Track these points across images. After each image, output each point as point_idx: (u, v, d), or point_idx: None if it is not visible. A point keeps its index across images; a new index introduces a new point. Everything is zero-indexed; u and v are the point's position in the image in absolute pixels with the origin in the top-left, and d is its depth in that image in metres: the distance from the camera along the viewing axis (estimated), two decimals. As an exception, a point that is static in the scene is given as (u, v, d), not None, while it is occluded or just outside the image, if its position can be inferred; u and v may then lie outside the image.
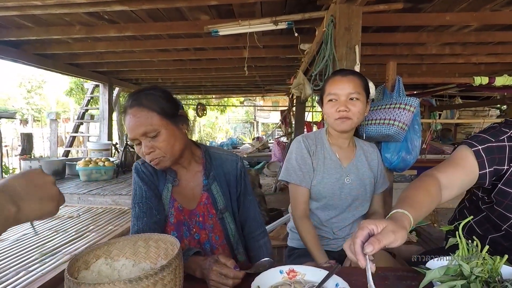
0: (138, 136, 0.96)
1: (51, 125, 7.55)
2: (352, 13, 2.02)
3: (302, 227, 1.26)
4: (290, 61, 4.72)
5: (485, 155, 0.95)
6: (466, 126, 8.11)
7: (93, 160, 4.75)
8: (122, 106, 0.96)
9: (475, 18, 2.82)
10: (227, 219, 1.14)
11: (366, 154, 1.39)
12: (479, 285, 0.60)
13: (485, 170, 0.95)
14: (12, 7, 2.69)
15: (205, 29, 2.84)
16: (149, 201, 1.06)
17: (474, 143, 0.97)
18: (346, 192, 1.32)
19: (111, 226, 2.99)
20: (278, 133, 9.72)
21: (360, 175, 1.34)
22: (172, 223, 1.09)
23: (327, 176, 1.31)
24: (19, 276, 2.01)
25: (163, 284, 0.63)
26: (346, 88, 1.23)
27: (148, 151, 0.96)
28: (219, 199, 1.13)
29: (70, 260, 0.69)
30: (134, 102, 0.97)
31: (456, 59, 4.30)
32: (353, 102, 1.23)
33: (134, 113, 0.95)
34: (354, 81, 1.25)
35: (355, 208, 1.35)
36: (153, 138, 0.96)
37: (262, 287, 0.70)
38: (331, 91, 1.26)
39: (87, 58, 4.67)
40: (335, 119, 1.26)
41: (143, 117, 0.95)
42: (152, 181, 1.10)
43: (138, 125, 0.94)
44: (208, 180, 1.12)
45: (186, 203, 1.11)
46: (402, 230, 0.67)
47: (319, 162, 1.33)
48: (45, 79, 17.76)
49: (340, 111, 1.23)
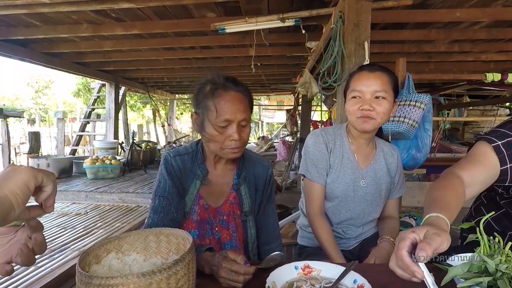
0: (235, 119, 0.96)
1: (58, 124, 7.62)
2: (361, 8, 2.00)
3: (317, 225, 1.20)
4: (296, 60, 4.69)
5: (505, 150, 0.92)
6: (474, 126, 8.01)
7: (99, 158, 4.78)
8: (209, 82, 0.97)
9: (486, 14, 2.77)
10: (250, 222, 1.11)
11: (386, 157, 1.30)
12: (507, 281, 0.57)
13: (506, 166, 0.92)
14: (21, 5, 2.70)
15: (211, 27, 2.83)
16: (170, 197, 1.03)
17: (493, 139, 0.94)
18: (360, 196, 1.25)
19: (119, 223, 3.00)
20: (283, 133, 9.70)
21: (377, 179, 1.26)
22: (194, 221, 1.06)
23: (342, 176, 1.24)
24: (28, 271, 2.03)
25: (176, 279, 0.61)
26: (373, 85, 1.13)
27: (239, 137, 0.97)
28: (246, 201, 1.11)
29: (81, 254, 0.68)
30: (239, 87, 0.99)
31: (465, 57, 4.23)
32: (378, 101, 1.13)
33: (239, 97, 0.98)
34: (382, 78, 1.14)
35: (368, 213, 1.28)
36: (243, 127, 0.99)
37: (277, 283, 0.69)
38: (356, 87, 1.16)
39: (93, 57, 4.70)
40: (357, 117, 1.16)
41: (244, 105, 0.98)
42: (179, 176, 1.06)
43: (241, 110, 0.96)
44: (239, 180, 1.10)
45: (213, 201, 1.09)
46: (445, 232, 0.64)
47: (336, 160, 1.25)
48: (52, 79, 17.96)
49: (363, 109, 1.13)
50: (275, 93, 9.70)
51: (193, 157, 1.09)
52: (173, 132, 10.36)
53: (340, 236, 1.31)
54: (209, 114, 0.96)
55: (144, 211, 3.47)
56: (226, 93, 0.96)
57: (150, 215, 1.03)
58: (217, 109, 0.94)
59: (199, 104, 1.00)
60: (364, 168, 1.26)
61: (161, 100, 10.57)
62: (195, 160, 1.08)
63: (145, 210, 3.52)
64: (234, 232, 1.08)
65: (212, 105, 0.95)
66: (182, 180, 1.07)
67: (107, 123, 6.53)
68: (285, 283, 0.72)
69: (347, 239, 1.32)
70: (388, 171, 1.29)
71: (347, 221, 1.29)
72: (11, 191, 0.48)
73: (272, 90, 8.79)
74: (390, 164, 1.30)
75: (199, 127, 1.02)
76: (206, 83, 1.00)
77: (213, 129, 0.96)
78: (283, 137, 8.30)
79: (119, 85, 6.57)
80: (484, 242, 0.71)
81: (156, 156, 6.96)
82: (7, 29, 3.49)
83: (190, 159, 1.08)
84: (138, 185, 4.37)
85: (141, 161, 5.63)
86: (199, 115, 1.00)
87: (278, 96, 13.23)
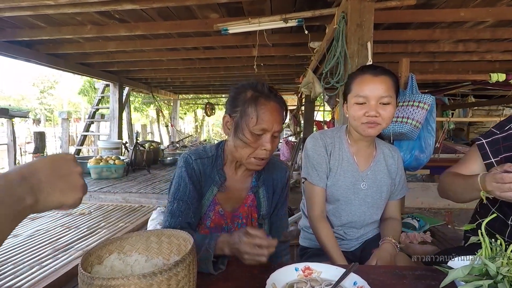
0: (271, 129, 0.95)
1: (63, 124, 7.68)
2: (364, 9, 1.99)
3: (319, 228, 1.18)
4: (299, 60, 4.69)
5: (489, 147, 1.03)
6: (480, 126, 7.93)
7: (103, 159, 4.81)
8: (251, 88, 0.98)
9: (490, 13, 2.74)
10: (265, 226, 1.10)
11: (386, 159, 1.28)
12: (507, 285, 0.57)
13: (491, 160, 1.02)
14: (26, 7, 2.73)
15: (214, 27, 2.84)
16: (190, 201, 1.01)
17: (480, 137, 1.07)
18: (361, 198, 1.23)
19: (122, 223, 3.02)
20: (286, 133, 9.69)
21: (378, 181, 1.24)
22: (208, 227, 1.04)
23: (342, 179, 1.23)
24: (33, 271, 2.05)
25: (177, 280, 0.62)
26: (378, 90, 1.08)
27: (271, 148, 0.96)
28: (263, 204, 1.09)
29: (84, 255, 0.69)
30: (279, 99, 0.99)
31: (470, 57, 4.20)
32: (384, 107, 1.08)
33: (277, 108, 0.97)
34: (386, 82, 1.09)
35: (369, 215, 1.26)
36: (275, 138, 0.98)
37: (277, 284, 0.69)
38: (360, 92, 1.11)
39: (97, 57, 4.73)
40: (362, 123, 1.11)
41: (281, 117, 0.98)
42: (199, 180, 1.04)
43: (278, 121, 0.96)
44: (258, 182, 1.09)
45: (229, 206, 1.07)
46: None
47: (336, 162, 1.23)
48: (57, 80, 18.12)
49: (369, 116, 1.09)
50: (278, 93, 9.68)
51: (212, 162, 1.06)
52: (176, 132, 10.40)
53: (341, 237, 1.31)
54: (247, 120, 0.94)
55: (147, 211, 3.49)
56: (268, 102, 0.96)
57: (167, 218, 1.00)
58: (257, 117, 0.93)
59: (235, 108, 0.98)
60: (364, 170, 1.24)
61: (165, 100, 10.62)
62: (215, 165, 1.06)
63: (148, 210, 3.54)
64: None
65: (252, 112, 0.94)
66: (201, 184, 1.05)
67: (111, 123, 6.57)
68: (285, 284, 0.72)
69: (348, 240, 1.31)
70: (389, 173, 1.27)
71: (348, 223, 1.28)
72: (60, 203, 0.50)
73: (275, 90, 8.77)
74: (391, 165, 1.28)
75: (231, 130, 0.99)
76: (247, 88, 0.98)
77: (249, 135, 0.94)
78: (286, 137, 8.28)
79: (123, 85, 6.61)
80: (486, 245, 0.70)
81: (160, 156, 6.99)
82: (12, 31, 3.54)
83: (210, 163, 1.06)
84: (142, 185, 4.39)
85: (144, 161, 5.66)
86: (234, 118, 0.98)
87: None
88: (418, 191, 3.96)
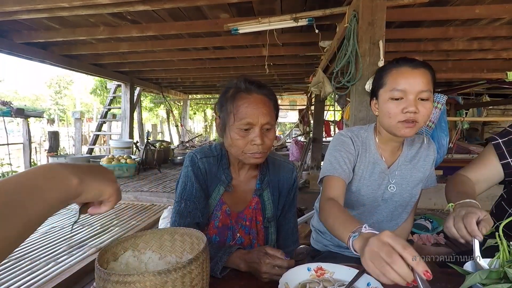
0: (258, 123, 0.92)
1: (76, 124, 7.84)
2: (376, 7, 1.97)
3: (328, 206, 0.95)
4: (309, 59, 4.66)
5: (505, 146, 1.02)
6: (495, 126, 7.73)
7: (115, 158, 4.89)
8: (233, 86, 0.95)
9: (507, 10, 2.67)
10: (271, 228, 1.09)
11: (419, 153, 1.18)
12: (527, 289, 0.55)
13: (507, 160, 1.00)
14: (42, 10, 2.80)
15: (225, 28, 2.85)
16: (197, 201, 1.00)
17: (496, 137, 1.05)
18: (388, 201, 1.16)
19: (134, 221, 3.06)
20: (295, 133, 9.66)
21: (406, 181, 1.16)
22: (216, 227, 1.03)
23: (367, 183, 1.15)
24: (48, 267, 2.10)
25: (191, 278, 0.62)
26: (417, 84, 0.96)
27: (261, 142, 0.92)
28: (268, 207, 1.08)
29: (100, 252, 0.70)
30: (263, 90, 0.96)
31: (485, 55, 4.09)
32: (423, 103, 0.98)
33: (262, 100, 0.94)
34: (426, 75, 0.98)
35: (396, 216, 1.20)
36: (266, 131, 0.95)
37: (290, 284, 0.69)
38: (397, 86, 0.99)
39: (110, 58, 4.81)
40: (399, 122, 0.99)
41: (268, 108, 0.94)
42: (205, 180, 1.03)
43: (265, 114, 0.92)
44: (262, 185, 1.07)
45: (235, 206, 1.06)
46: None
47: (361, 165, 1.14)
48: (73, 80, 18.52)
49: (408, 112, 0.97)
50: (287, 92, 9.66)
51: (218, 161, 1.05)
52: (185, 132, 10.49)
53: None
54: (230, 117, 0.93)
55: (158, 210, 3.54)
56: (249, 95, 0.93)
57: (175, 218, 1.00)
58: (237, 112, 0.92)
59: (221, 108, 0.98)
60: (393, 170, 1.15)
61: (175, 100, 10.72)
62: (221, 165, 1.05)
63: (159, 209, 3.58)
64: (254, 238, 1.06)
65: (233, 108, 0.92)
66: (207, 183, 1.04)
67: (123, 123, 6.67)
68: (298, 284, 0.72)
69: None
70: (419, 168, 1.17)
71: (373, 224, 1.21)
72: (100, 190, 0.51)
73: (284, 90, 8.75)
74: (424, 159, 1.18)
75: (221, 131, 1.00)
76: (230, 87, 0.98)
77: (234, 133, 0.93)
78: (296, 137, 8.25)
79: (134, 85, 6.70)
80: (504, 248, 0.69)
81: (170, 156, 7.07)
82: (28, 33, 3.63)
83: (216, 163, 1.05)
84: (153, 184, 4.45)
85: (155, 161, 5.73)
86: (222, 119, 0.98)
87: (291, 96, 13.15)
88: (431, 192, 3.88)
